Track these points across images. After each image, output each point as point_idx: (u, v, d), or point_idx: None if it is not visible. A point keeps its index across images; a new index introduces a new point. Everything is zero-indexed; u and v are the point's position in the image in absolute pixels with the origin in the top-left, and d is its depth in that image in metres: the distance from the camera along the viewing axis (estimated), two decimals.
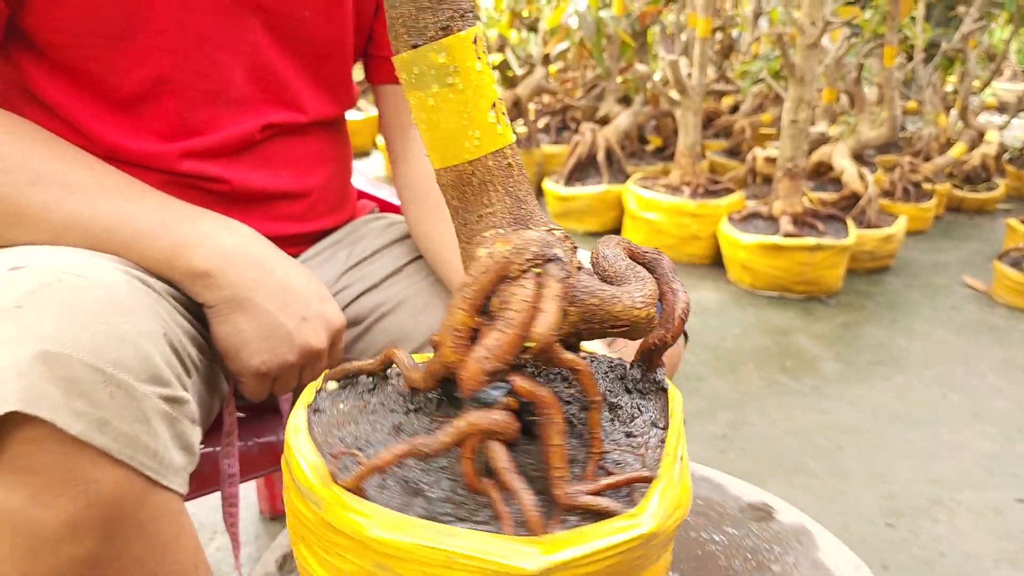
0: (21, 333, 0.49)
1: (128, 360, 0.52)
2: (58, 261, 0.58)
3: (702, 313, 2.48)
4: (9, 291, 0.52)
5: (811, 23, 2.43)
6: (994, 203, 3.77)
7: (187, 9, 0.72)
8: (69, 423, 0.48)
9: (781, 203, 2.61)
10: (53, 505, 0.49)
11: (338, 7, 0.82)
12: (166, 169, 0.76)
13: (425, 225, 0.85)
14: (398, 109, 0.92)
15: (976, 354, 2.30)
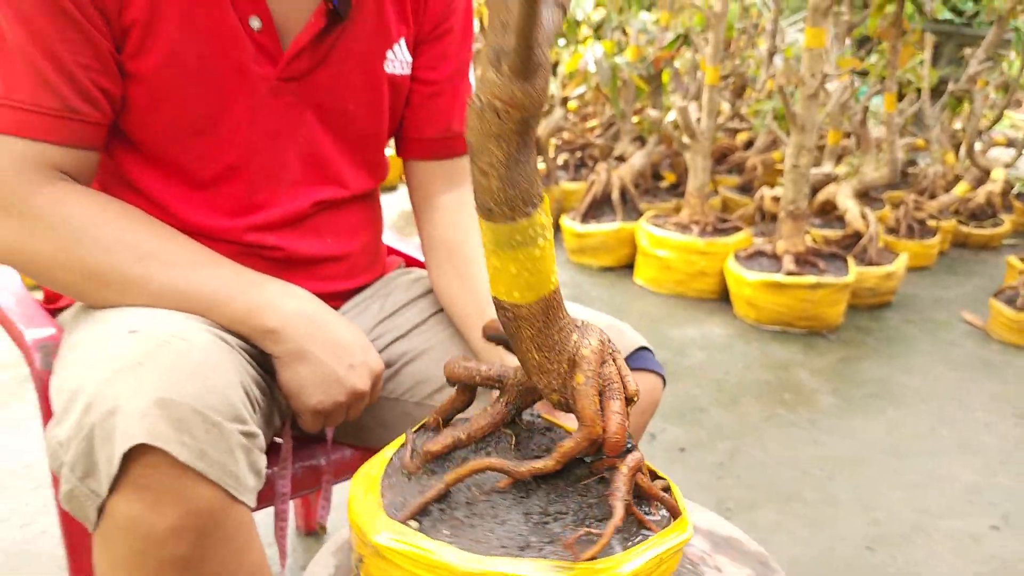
0: (143, 385, 0.67)
1: (218, 405, 0.70)
2: (164, 327, 0.76)
3: (708, 347, 2.62)
4: (131, 350, 0.70)
5: (811, 75, 2.59)
6: (999, 239, 3.88)
7: (257, 109, 0.90)
8: (178, 452, 0.65)
9: (784, 242, 2.76)
10: (163, 514, 0.66)
11: (377, 101, 1.00)
12: (234, 240, 0.94)
13: (448, 286, 1.02)
14: (423, 181, 1.09)
15: (968, 389, 2.42)
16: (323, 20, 0.89)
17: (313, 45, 0.90)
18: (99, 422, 0.66)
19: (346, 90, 0.95)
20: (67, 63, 0.78)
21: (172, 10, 0.82)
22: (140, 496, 0.65)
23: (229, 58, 0.86)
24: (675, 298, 3.04)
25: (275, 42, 0.88)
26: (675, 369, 2.45)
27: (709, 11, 2.92)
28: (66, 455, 0.67)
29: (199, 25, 0.84)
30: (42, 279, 0.85)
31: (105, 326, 0.78)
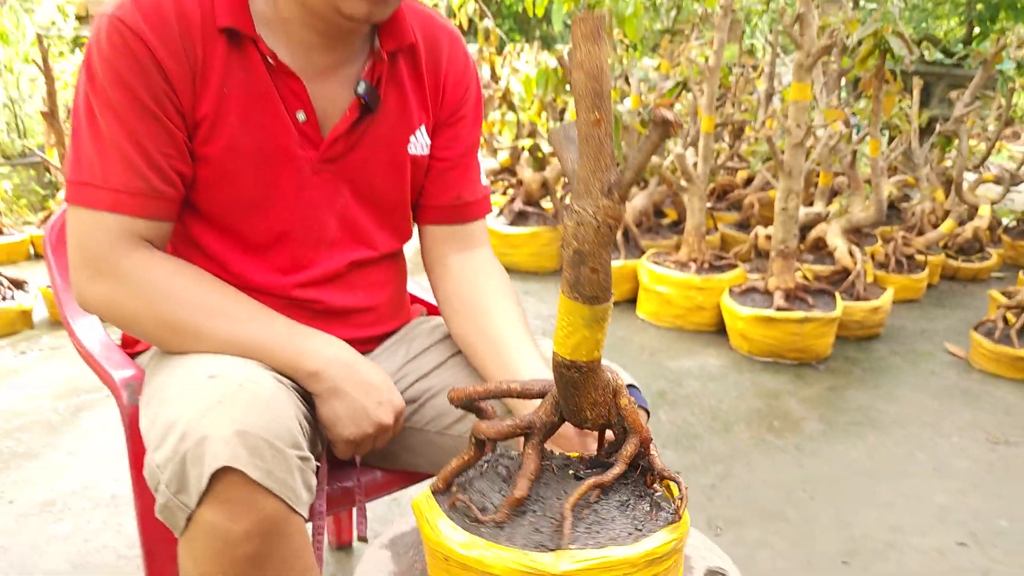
0: (225, 419, 0.87)
1: (282, 435, 0.90)
2: (236, 373, 0.96)
3: (704, 377, 2.82)
4: (213, 392, 0.91)
5: (797, 126, 2.81)
6: (988, 272, 4.06)
7: (301, 186, 1.11)
8: (252, 472, 0.85)
9: (775, 279, 2.96)
10: (239, 521, 0.86)
11: (401, 177, 1.21)
12: (283, 296, 1.15)
13: (467, 335, 1.20)
14: (435, 243, 1.28)
15: (946, 416, 2.60)
16: (356, 112, 1.10)
17: (348, 133, 1.11)
18: (191, 448, 0.85)
19: (375, 169, 1.16)
20: (152, 153, 1.00)
21: (234, 107, 1.03)
22: (222, 507, 0.85)
23: (279, 144, 1.07)
24: (674, 331, 3.24)
25: (316, 131, 1.09)
26: (672, 398, 2.64)
27: (704, 64, 3.15)
28: (163, 475, 0.87)
29: (255, 118, 1.05)
30: (130, 330, 1.06)
31: (188, 371, 0.99)
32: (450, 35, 1.22)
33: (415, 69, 1.17)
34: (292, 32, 1.04)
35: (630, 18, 3.97)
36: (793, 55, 4.40)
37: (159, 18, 0.97)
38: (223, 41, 1.01)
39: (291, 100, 1.06)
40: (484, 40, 4.52)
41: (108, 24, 0.97)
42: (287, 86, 1.05)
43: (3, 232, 3.78)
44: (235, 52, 1.02)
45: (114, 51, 0.96)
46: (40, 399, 2.46)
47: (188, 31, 0.99)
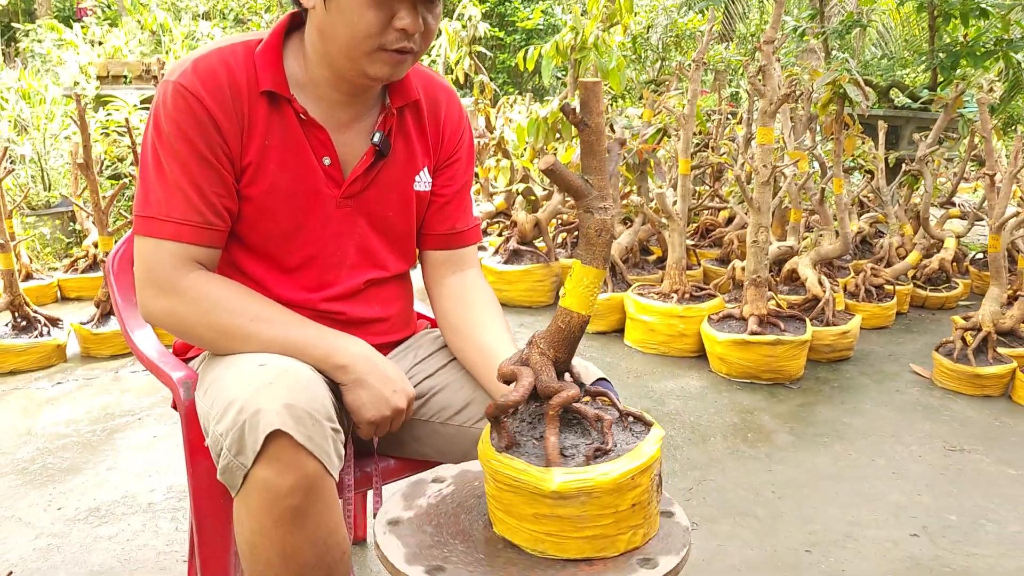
0: (275, 395, 1.11)
1: (319, 408, 1.14)
2: (280, 361, 1.21)
3: (685, 397, 3.06)
4: (264, 376, 1.15)
5: (763, 166, 3.09)
6: (955, 301, 4.32)
7: (327, 219, 1.37)
8: (297, 436, 1.09)
9: (749, 307, 3.22)
10: (286, 477, 1.10)
11: (409, 210, 1.47)
12: (311, 308, 1.40)
13: (462, 344, 1.44)
14: (433, 266, 1.54)
15: (907, 428, 2.83)
16: (372, 157, 1.37)
17: (364, 174, 1.37)
18: (248, 418, 1.10)
19: (387, 203, 1.42)
20: (207, 193, 1.25)
21: (273, 155, 1.30)
22: (272, 465, 1.08)
23: (309, 184, 1.33)
24: (658, 356, 3.49)
25: (339, 172, 1.35)
26: (656, 415, 2.88)
27: (680, 113, 3.45)
28: (225, 440, 1.11)
29: (290, 164, 1.31)
30: (188, 337, 1.30)
31: (239, 363, 1.24)
32: (447, 92, 1.50)
33: (419, 121, 1.44)
34: (319, 92, 1.31)
35: (613, 71, 4.30)
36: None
37: (214, 84, 1.24)
38: (265, 101, 1.28)
39: (319, 148, 1.32)
40: (479, 93, 4.84)
41: (172, 89, 1.24)
42: (315, 136, 1.32)
43: (33, 276, 4.05)
44: (274, 110, 1.29)
45: (177, 111, 1.23)
46: (78, 423, 2.70)
47: (237, 94, 1.26)
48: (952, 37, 5.41)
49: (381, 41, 1.20)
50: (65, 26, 8.34)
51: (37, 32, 7.67)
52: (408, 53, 1.24)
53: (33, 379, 3.06)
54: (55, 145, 5.28)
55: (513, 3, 9.01)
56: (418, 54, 1.28)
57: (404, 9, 1.19)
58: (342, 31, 1.21)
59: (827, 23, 6.29)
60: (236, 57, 1.27)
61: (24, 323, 3.14)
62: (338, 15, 1.20)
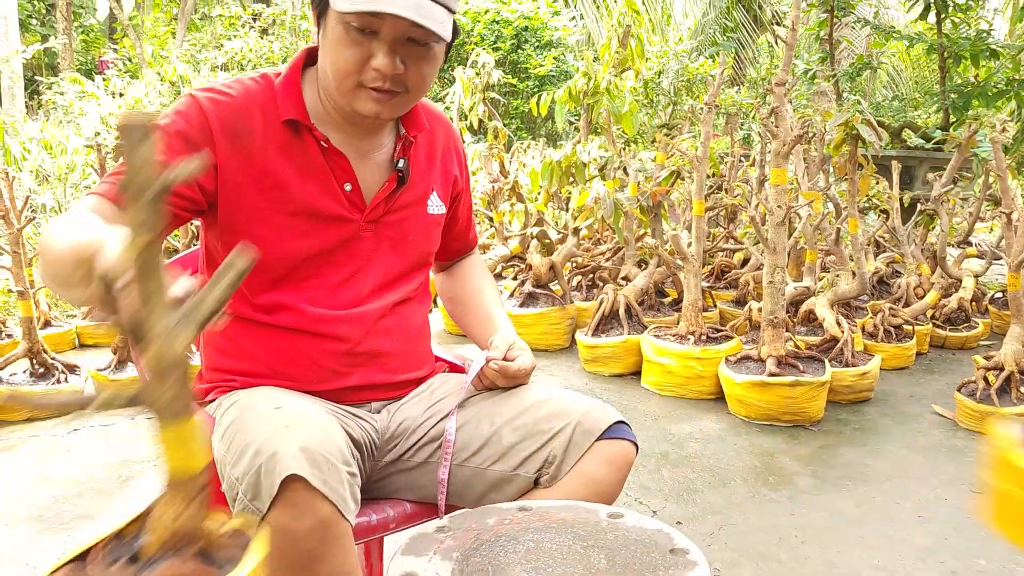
0: (291, 439, 1.11)
1: (335, 452, 1.14)
2: (296, 404, 1.21)
3: (704, 439, 3.02)
4: (281, 419, 1.15)
5: (778, 207, 3.10)
6: (976, 340, 4.27)
7: (351, 244, 1.38)
8: (313, 480, 1.09)
9: (767, 347, 3.19)
10: (302, 521, 1.09)
11: (426, 231, 1.51)
12: (334, 336, 1.40)
13: (460, 314, 1.67)
14: (440, 263, 1.70)
15: (931, 470, 2.78)
16: (394, 183, 1.42)
17: (386, 200, 1.42)
18: (265, 462, 1.09)
19: (407, 227, 1.46)
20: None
21: (296, 180, 1.34)
22: (289, 510, 1.07)
23: (332, 209, 1.37)
24: (676, 399, 3.46)
25: (361, 198, 1.39)
26: (675, 458, 2.84)
27: (693, 156, 3.47)
28: (240, 485, 1.11)
29: (314, 189, 1.35)
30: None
31: (255, 407, 1.24)
32: (445, 122, 1.61)
33: (428, 149, 1.52)
34: (336, 123, 1.37)
35: (626, 115, 4.34)
36: None
37: (225, 106, 1.30)
38: (287, 129, 1.33)
39: (340, 174, 1.37)
40: (493, 139, 4.90)
41: (187, 96, 1.32)
42: (336, 163, 1.36)
43: (51, 323, 4.08)
44: (296, 138, 1.34)
45: (177, 108, 1.30)
46: (94, 469, 2.69)
47: (252, 118, 1.31)
48: (963, 78, 5.45)
49: (360, 79, 1.25)
50: (87, 79, 8.54)
51: (60, 84, 7.84)
52: (389, 93, 1.28)
53: (50, 426, 3.06)
54: (75, 194, 5.37)
55: (526, 50, 9.16)
56: (411, 95, 1.32)
57: (381, 50, 1.23)
58: (329, 67, 1.28)
59: (837, 66, 6.35)
60: (256, 87, 1.33)
61: (42, 370, 3.15)
62: (325, 53, 1.28)
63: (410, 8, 1.18)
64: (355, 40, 1.22)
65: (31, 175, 5.45)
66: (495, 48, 8.88)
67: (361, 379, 1.46)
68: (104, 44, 17.01)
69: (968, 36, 5.30)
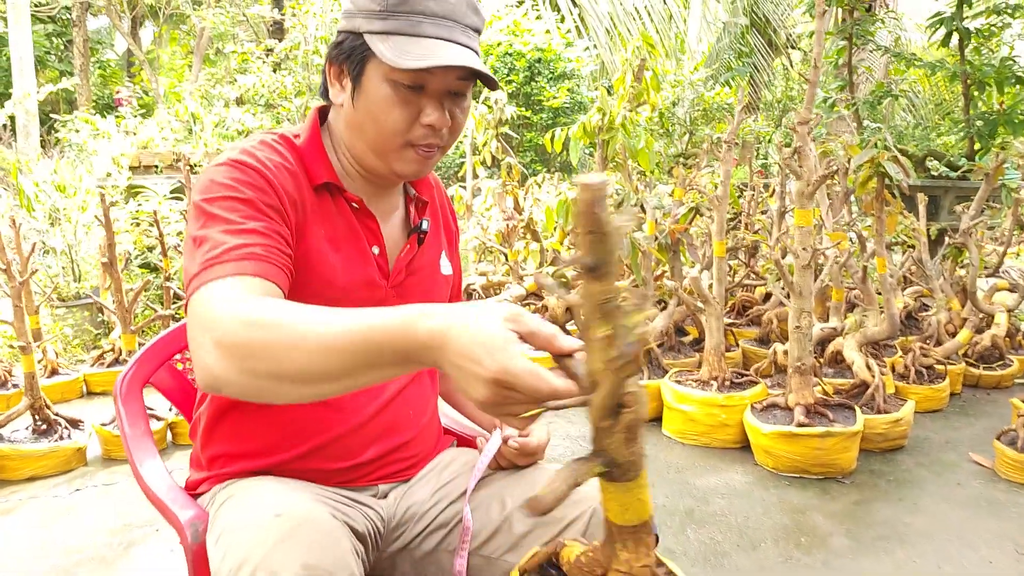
0: (292, 554, 1.00)
1: (342, 566, 1.03)
2: (298, 509, 1.10)
3: (730, 494, 2.88)
4: (280, 528, 1.05)
5: (803, 249, 2.97)
6: (1011, 379, 4.11)
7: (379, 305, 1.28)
8: None
9: (795, 395, 3.06)
10: None
11: (441, 293, 1.44)
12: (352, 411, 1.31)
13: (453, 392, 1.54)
14: None
15: (973, 528, 2.62)
16: (415, 245, 1.35)
17: (408, 263, 1.35)
18: None
19: (424, 290, 1.38)
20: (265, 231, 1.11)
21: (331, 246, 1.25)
22: None
23: (364, 275, 1.29)
24: (700, 448, 3.32)
25: (386, 261, 1.32)
26: (700, 516, 2.70)
27: (713, 196, 3.36)
28: None
29: (348, 254, 1.27)
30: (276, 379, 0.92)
31: (254, 510, 1.13)
32: (435, 177, 1.53)
33: (433, 209, 1.45)
34: (360, 183, 1.30)
35: (642, 151, 4.24)
36: None
37: (269, 162, 1.19)
38: (317, 194, 1.25)
39: (370, 237, 1.30)
40: (507, 175, 4.81)
41: (224, 165, 1.16)
42: (367, 225, 1.29)
43: (58, 371, 4.01)
44: (329, 201, 1.26)
45: (231, 175, 1.14)
46: (96, 534, 2.59)
47: (292, 179, 1.21)
48: (987, 105, 5.31)
49: (408, 137, 1.20)
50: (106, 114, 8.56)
51: (74, 123, 7.89)
52: (435, 148, 1.23)
53: (52, 485, 2.97)
54: (88, 234, 5.33)
55: (539, 82, 9.10)
56: (445, 148, 1.27)
57: (430, 105, 1.18)
58: (370, 128, 1.20)
59: (857, 92, 6.24)
60: (282, 149, 1.24)
61: (44, 426, 3.06)
62: (366, 113, 1.19)
63: (462, 58, 1.14)
64: (404, 99, 1.17)
65: (45, 215, 5.43)
66: (508, 81, 8.84)
67: (376, 453, 1.37)
68: (122, 79, 17.20)
69: (991, 63, 5.18)
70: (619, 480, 1.01)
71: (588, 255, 0.82)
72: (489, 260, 5.23)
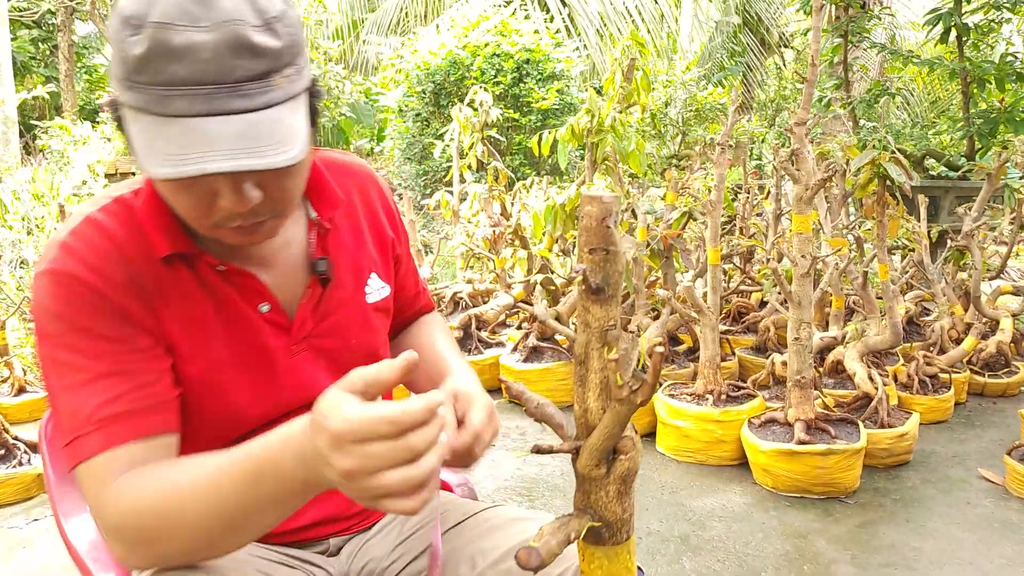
0: None
1: None
2: None
3: (727, 517, 2.72)
4: None
5: (802, 257, 2.82)
6: (1017, 387, 3.95)
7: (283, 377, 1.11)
8: None
9: (794, 410, 2.90)
10: None
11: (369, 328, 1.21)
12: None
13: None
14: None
15: (986, 553, 2.47)
16: (318, 287, 1.13)
17: (314, 309, 1.13)
18: None
19: (344, 331, 1.17)
20: (126, 378, 0.95)
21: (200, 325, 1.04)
22: None
23: (251, 342, 1.08)
24: (695, 466, 3.16)
25: (283, 316, 1.10)
26: (696, 542, 2.54)
27: (706, 201, 3.20)
28: None
29: (223, 327, 1.06)
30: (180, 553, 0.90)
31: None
32: (363, 176, 1.27)
33: (351, 222, 1.20)
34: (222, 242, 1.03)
35: (633, 154, 4.09)
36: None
37: (96, 258, 0.97)
38: (168, 267, 1.01)
39: (251, 296, 1.07)
40: (494, 180, 4.65)
41: (46, 279, 0.96)
42: (243, 285, 1.06)
43: (26, 389, 3.83)
44: (183, 272, 1.03)
45: (59, 302, 0.95)
46: (54, 570, 2.42)
47: (131, 262, 0.99)
48: (987, 103, 5.17)
49: (212, 221, 0.94)
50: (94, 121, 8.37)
51: (56, 129, 7.71)
52: (252, 225, 0.96)
53: (9, 515, 2.80)
54: None
55: (528, 84, 8.93)
56: (280, 215, 0.99)
57: (224, 188, 0.90)
58: (172, 205, 0.96)
59: (851, 90, 6.09)
60: (115, 222, 1.01)
61: (2, 451, 2.89)
62: (161, 189, 0.95)
63: (235, 150, 0.84)
64: (187, 185, 0.90)
65: (22, 225, 5.25)
66: (496, 83, 8.66)
67: (317, 514, 1.21)
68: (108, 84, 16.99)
69: (991, 59, 5.03)
70: (606, 543, 0.90)
71: (594, 275, 0.81)
72: (476, 267, 5.06)
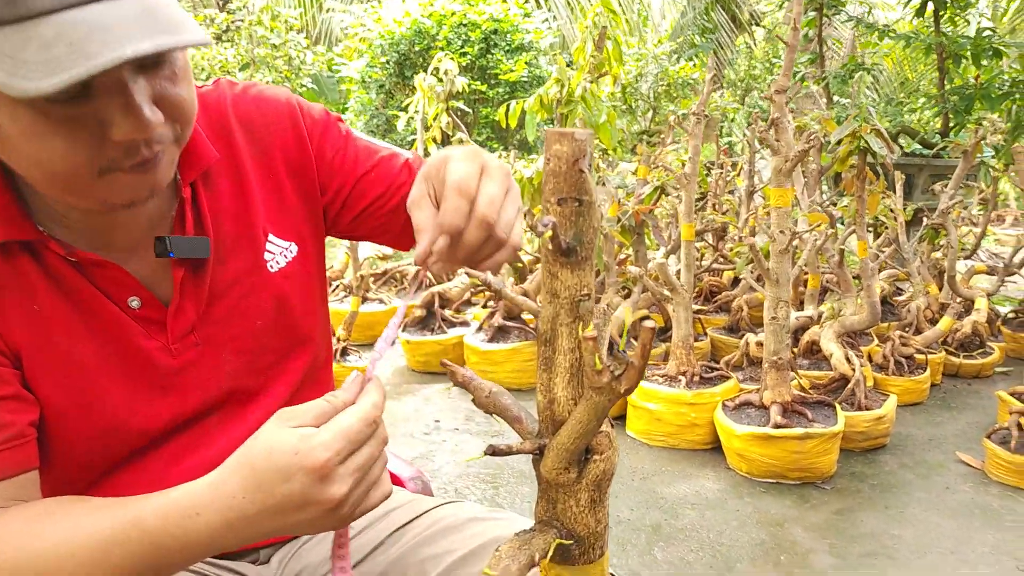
0: None
1: None
2: None
3: (701, 505, 2.60)
4: None
5: (780, 232, 2.69)
6: (991, 368, 3.89)
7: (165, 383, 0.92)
8: None
9: (770, 393, 2.78)
10: None
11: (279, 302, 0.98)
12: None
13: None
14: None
15: (967, 540, 2.38)
16: (187, 269, 0.90)
17: (195, 294, 0.92)
18: None
19: (245, 312, 0.96)
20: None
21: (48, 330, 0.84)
22: None
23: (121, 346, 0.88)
24: (667, 450, 3.03)
25: (159, 310, 0.90)
26: (668, 531, 2.42)
27: (680, 174, 3.06)
28: None
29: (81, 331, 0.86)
30: None
31: None
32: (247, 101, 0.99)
33: (237, 176, 0.96)
34: (79, 220, 0.84)
35: (604, 125, 3.93)
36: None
37: None
38: (11, 259, 0.82)
39: (115, 290, 0.87)
40: None
41: None
42: (103, 276, 0.86)
43: None
44: (29, 262, 0.83)
45: None
46: None
47: None
48: (963, 79, 5.08)
49: (101, 165, 0.74)
50: None
51: None
52: (151, 160, 0.76)
53: None
54: None
55: (496, 55, 8.71)
56: (180, 139, 0.80)
57: (116, 112, 0.71)
58: (33, 174, 0.75)
59: (825, 66, 5.98)
60: None
61: None
62: (13, 157, 0.74)
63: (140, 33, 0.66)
64: (63, 122, 0.70)
65: None
66: (463, 53, 8.42)
67: None
68: None
69: (967, 35, 4.94)
70: (576, 562, 0.77)
71: (564, 231, 0.66)
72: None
